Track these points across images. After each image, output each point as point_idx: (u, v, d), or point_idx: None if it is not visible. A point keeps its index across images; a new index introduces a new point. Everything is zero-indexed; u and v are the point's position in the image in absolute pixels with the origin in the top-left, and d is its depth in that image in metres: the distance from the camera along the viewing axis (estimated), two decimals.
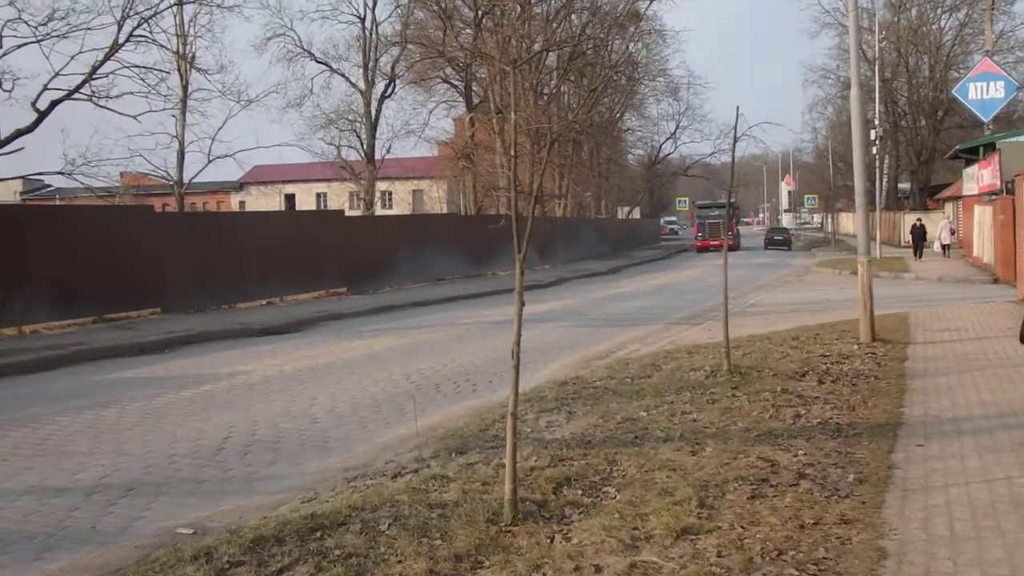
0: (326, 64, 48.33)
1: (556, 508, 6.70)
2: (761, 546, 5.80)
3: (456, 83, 53.79)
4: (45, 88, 28.87)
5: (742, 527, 6.17)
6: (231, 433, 10.59)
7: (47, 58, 30.46)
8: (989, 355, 13.51)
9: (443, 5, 48.77)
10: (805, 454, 7.95)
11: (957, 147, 46.32)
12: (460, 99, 54.38)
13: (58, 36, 28.49)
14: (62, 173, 29.55)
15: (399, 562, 5.73)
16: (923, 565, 5.44)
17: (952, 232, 45.04)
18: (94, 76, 29.77)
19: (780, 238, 71.74)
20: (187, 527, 6.98)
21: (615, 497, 6.93)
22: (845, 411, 9.77)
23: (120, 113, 31.98)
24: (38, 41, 28.32)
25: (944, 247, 43.42)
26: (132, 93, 31.34)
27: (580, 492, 7.07)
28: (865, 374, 12.02)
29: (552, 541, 6.03)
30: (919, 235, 44.62)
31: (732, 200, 13.88)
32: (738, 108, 12.68)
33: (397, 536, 6.17)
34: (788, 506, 6.56)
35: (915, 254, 44.06)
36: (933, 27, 67.27)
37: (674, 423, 9.35)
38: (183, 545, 6.31)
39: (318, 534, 6.33)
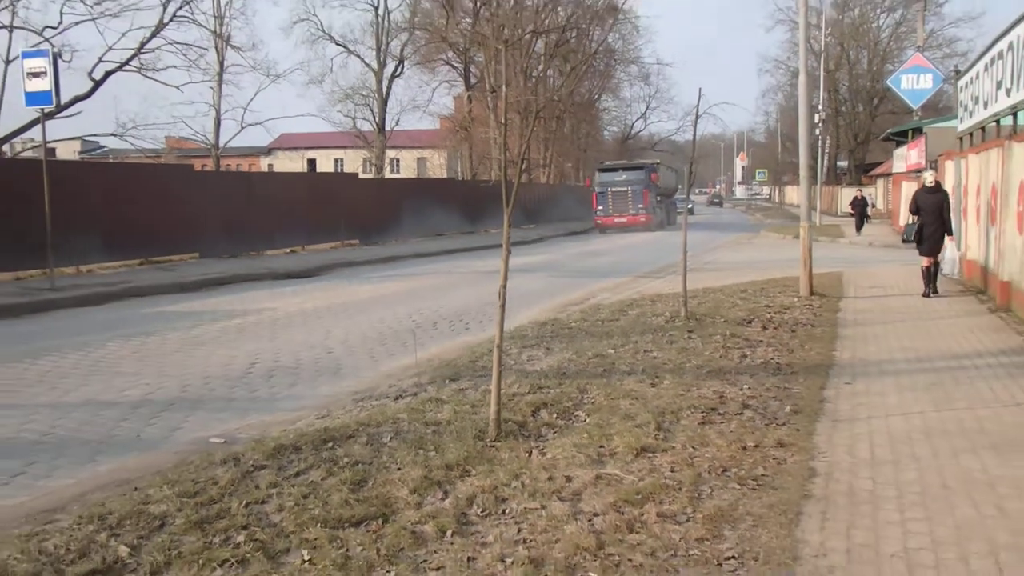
0: (344, 46, 47.94)
1: (534, 428, 6.73)
2: (709, 464, 5.84)
3: (456, 65, 53.38)
4: (100, 60, 28.90)
5: (693, 448, 6.21)
6: (257, 359, 10.60)
7: (101, 34, 30.49)
8: (911, 309, 13.55)
9: None
10: (749, 388, 7.98)
11: (889, 130, 46.06)
12: (460, 79, 53.98)
13: (110, 15, 28.49)
14: (114, 135, 29.64)
15: (398, 469, 5.76)
16: (847, 483, 5.48)
17: (872, 205, 45.05)
18: (142, 51, 29.78)
19: (717, 201, 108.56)
20: (218, 437, 7.02)
21: (585, 420, 6.96)
22: (784, 353, 9.79)
23: (165, 83, 32.21)
24: (93, 19, 28.27)
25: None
26: (175, 66, 31.77)
27: (555, 415, 7.10)
28: (803, 322, 12.03)
29: (530, 455, 6.06)
30: (861, 207, 36.10)
31: (691, 169, 13.67)
32: (700, 89, 12.64)
33: (397, 448, 6.21)
34: (733, 431, 6.60)
35: (856, 228, 35.49)
36: (873, 25, 66.92)
37: (637, 359, 9.38)
38: (214, 451, 6.35)
39: (330, 444, 6.36)
